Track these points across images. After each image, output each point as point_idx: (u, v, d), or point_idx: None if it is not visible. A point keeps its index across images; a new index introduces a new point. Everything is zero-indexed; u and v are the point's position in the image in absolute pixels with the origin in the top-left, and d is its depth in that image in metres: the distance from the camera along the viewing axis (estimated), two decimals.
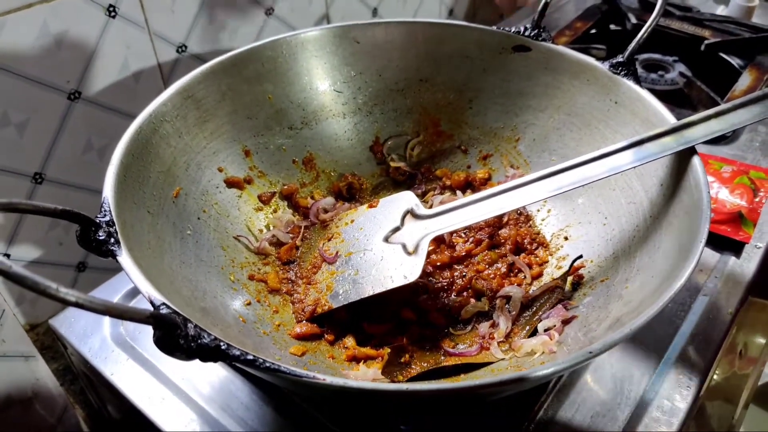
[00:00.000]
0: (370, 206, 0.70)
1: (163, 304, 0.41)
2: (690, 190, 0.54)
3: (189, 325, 0.39)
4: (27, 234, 0.73)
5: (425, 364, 0.59)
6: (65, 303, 0.33)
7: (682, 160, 0.58)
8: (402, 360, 0.58)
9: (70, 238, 0.77)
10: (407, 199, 0.67)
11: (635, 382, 0.63)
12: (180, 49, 0.80)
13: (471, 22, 1.28)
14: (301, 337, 0.61)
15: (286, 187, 0.75)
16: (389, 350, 0.59)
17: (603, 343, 0.40)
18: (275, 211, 0.74)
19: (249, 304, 0.62)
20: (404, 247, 0.63)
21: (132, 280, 0.44)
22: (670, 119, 0.62)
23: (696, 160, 0.56)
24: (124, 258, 0.45)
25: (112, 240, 0.46)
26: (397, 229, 0.65)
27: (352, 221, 0.70)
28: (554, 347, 0.55)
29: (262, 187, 0.73)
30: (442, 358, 0.60)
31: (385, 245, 0.65)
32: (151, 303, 0.42)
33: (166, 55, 0.79)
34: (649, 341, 0.66)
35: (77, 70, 0.70)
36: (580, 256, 0.64)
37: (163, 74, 0.80)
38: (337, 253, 0.68)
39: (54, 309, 0.73)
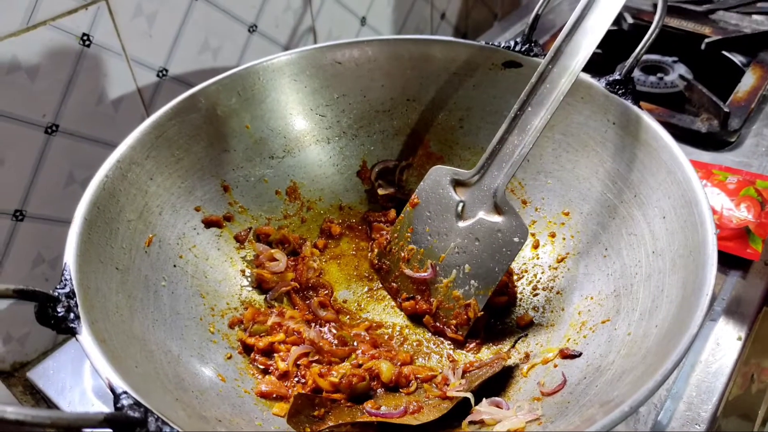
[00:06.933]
0: (412, 205, 0.64)
1: (125, 392, 0.38)
2: (694, 228, 0.51)
3: (150, 419, 0.36)
4: (11, 272, 0.70)
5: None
6: (5, 422, 0.30)
7: (685, 191, 0.54)
8: (315, 414, 0.53)
9: (56, 273, 0.74)
10: (440, 174, 0.62)
11: (641, 420, 0.60)
12: (161, 73, 0.76)
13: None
14: (265, 396, 0.56)
15: (262, 227, 0.71)
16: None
17: (602, 424, 0.37)
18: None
19: (230, 357, 0.59)
20: (487, 213, 0.58)
21: (93, 364, 0.40)
22: (671, 141, 0.58)
23: (701, 196, 0.52)
24: (84, 337, 0.42)
25: (72, 315, 0.43)
26: (461, 205, 0.60)
27: (411, 229, 0.64)
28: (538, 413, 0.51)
29: (244, 223, 0.70)
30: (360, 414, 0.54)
31: (467, 225, 0.59)
32: (112, 390, 0.38)
33: (147, 79, 0.75)
34: None
35: (53, 102, 0.67)
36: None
37: (144, 100, 0.76)
38: (430, 265, 0.61)
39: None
